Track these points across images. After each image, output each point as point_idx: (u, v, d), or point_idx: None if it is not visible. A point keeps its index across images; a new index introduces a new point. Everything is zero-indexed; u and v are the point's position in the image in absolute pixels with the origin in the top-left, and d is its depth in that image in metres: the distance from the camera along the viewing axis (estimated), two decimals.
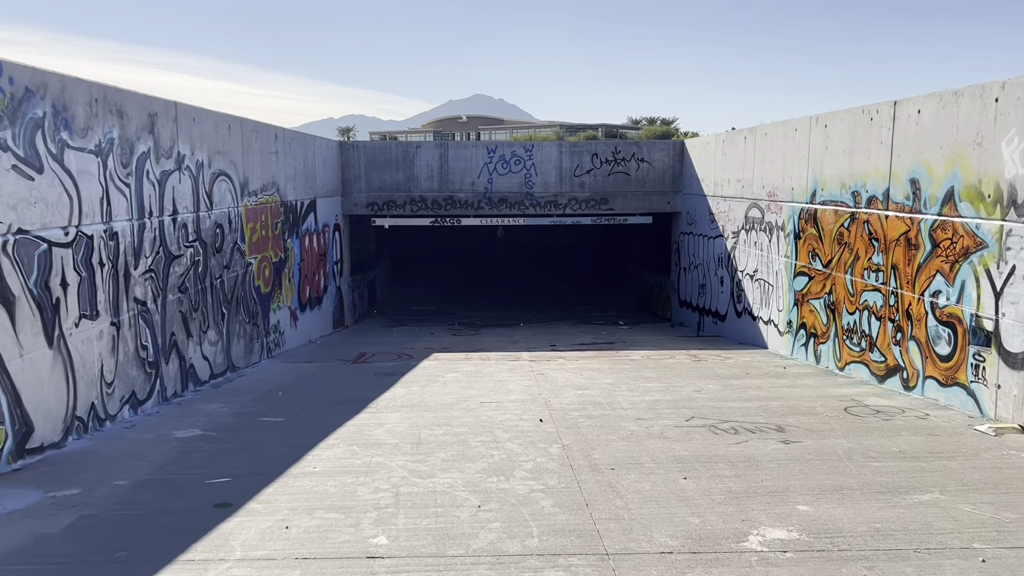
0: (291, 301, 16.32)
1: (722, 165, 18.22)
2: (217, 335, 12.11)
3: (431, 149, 21.39)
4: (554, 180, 21.55)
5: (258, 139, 14.17)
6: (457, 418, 9.05)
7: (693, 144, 20.65)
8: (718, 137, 18.59)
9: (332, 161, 20.09)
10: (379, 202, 21.34)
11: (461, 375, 12.17)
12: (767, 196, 15.43)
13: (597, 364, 13.33)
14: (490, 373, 12.37)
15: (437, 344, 16.91)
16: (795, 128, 14.12)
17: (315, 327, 18.02)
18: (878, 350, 11.14)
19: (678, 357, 14.33)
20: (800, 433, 8.18)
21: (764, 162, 15.58)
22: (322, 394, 10.77)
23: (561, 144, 21.61)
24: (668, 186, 21.56)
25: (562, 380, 11.63)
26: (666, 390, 10.76)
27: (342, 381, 11.93)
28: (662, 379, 11.69)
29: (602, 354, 14.95)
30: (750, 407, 9.53)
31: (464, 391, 10.78)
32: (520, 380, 11.62)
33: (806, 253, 13.59)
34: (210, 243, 11.87)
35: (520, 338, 18.14)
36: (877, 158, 11.21)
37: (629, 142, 21.66)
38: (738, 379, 11.70)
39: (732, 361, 13.68)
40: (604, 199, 21.65)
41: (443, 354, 15.05)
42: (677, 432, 8.26)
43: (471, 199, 21.46)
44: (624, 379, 11.68)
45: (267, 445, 7.96)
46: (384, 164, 21.28)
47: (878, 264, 11.15)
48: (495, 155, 21.47)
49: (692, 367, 12.97)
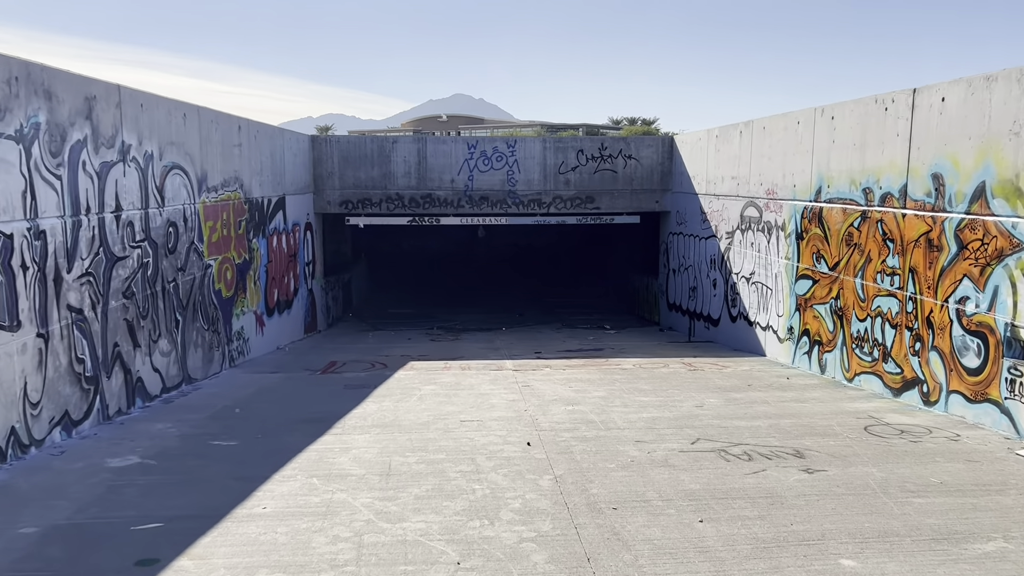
0: (257, 305, 15.20)
1: (715, 162, 17.31)
2: (170, 344, 10.99)
3: (408, 144, 20.32)
4: (538, 177, 20.55)
5: (218, 130, 13.05)
6: (434, 441, 8.02)
7: (683, 140, 19.74)
8: (710, 132, 17.68)
9: (303, 157, 18.97)
10: (353, 200, 20.24)
11: (439, 388, 11.14)
12: (765, 194, 14.52)
13: (586, 374, 12.34)
14: (471, 385, 11.35)
15: (414, 351, 15.85)
16: (797, 121, 13.21)
17: (284, 332, 16.91)
18: (893, 360, 10.23)
19: (672, 366, 13.38)
20: (822, 459, 7.23)
21: (762, 158, 14.67)
22: (284, 411, 9.70)
23: (545, 140, 20.61)
24: (657, 184, 20.63)
25: (550, 393, 10.63)
26: (664, 405, 9.79)
27: (308, 395, 10.86)
28: (658, 392, 10.72)
29: (590, 362, 13.97)
30: (760, 426, 8.58)
31: (442, 407, 9.75)
32: (504, 393, 10.61)
33: (810, 255, 12.68)
34: (162, 243, 10.75)
35: (502, 344, 17.13)
36: (893, 151, 10.30)
37: (616, 138, 20.70)
38: (740, 391, 10.75)
39: (731, 370, 12.75)
40: (590, 197, 20.68)
41: (420, 363, 14.01)
42: (683, 459, 7.28)
43: (451, 197, 20.41)
44: (617, 392, 10.70)
45: (213, 477, 6.89)
46: (359, 160, 20.18)
47: (894, 267, 10.25)
48: (476, 151, 20.44)
49: (689, 378, 12.02)
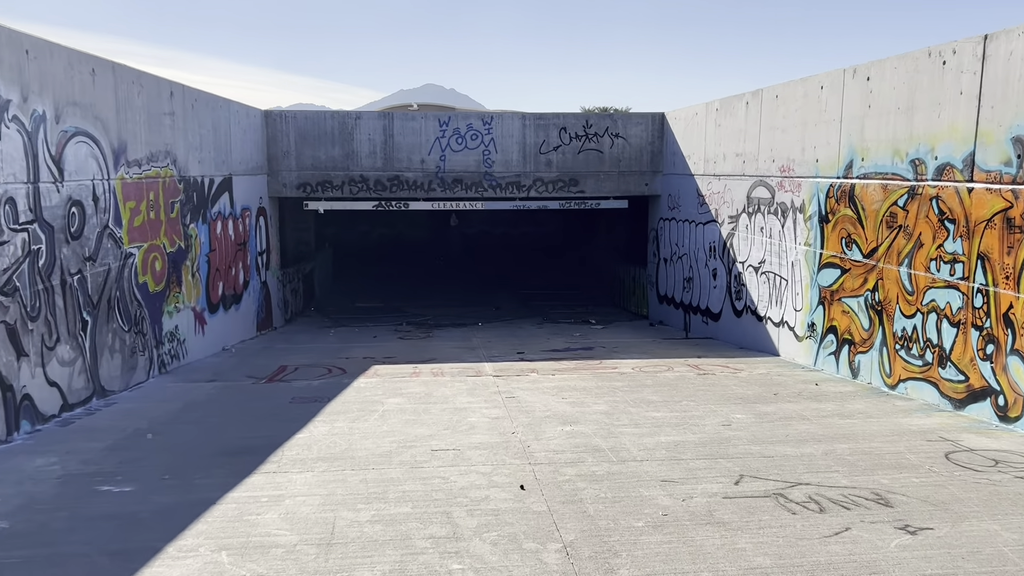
0: (196, 301, 13.15)
1: (715, 138, 15.51)
2: (74, 351, 8.95)
3: (373, 121, 18.28)
4: (516, 158, 18.63)
5: (143, 93, 10.97)
6: (396, 483, 6.12)
7: (676, 117, 17.92)
8: (709, 106, 15.88)
9: (254, 133, 16.87)
10: (312, 182, 18.17)
11: (406, 401, 9.22)
12: (779, 172, 12.75)
13: (581, 380, 10.50)
14: (445, 397, 9.45)
15: (380, 352, 13.91)
16: (821, 85, 11.43)
17: (232, 331, 14.87)
18: (954, 365, 8.50)
19: (677, 369, 11.58)
20: (916, 508, 5.44)
21: (775, 131, 12.89)
22: (209, 436, 7.73)
23: (525, 116, 18.69)
24: (646, 165, 18.80)
25: (541, 407, 8.77)
26: (684, 424, 7.97)
27: (244, 413, 8.89)
28: (671, 404, 8.91)
29: (582, 365, 12.13)
30: (813, 455, 6.78)
31: (409, 429, 7.84)
32: (485, 408, 8.73)
33: (837, 240, 10.93)
34: (60, 226, 8.70)
35: (480, 342, 15.24)
36: (954, 113, 8.54)
37: (602, 115, 18.87)
38: (767, 403, 8.97)
39: (746, 375, 10.97)
40: (573, 180, 18.80)
41: (386, 367, 12.07)
42: (732, 509, 5.45)
43: (421, 179, 18.43)
44: (622, 405, 8.86)
45: (79, 553, 4.90)
46: (318, 138, 18.12)
47: (954, 253, 8.50)
48: (448, 128, 18.46)
49: (701, 385, 10.22)
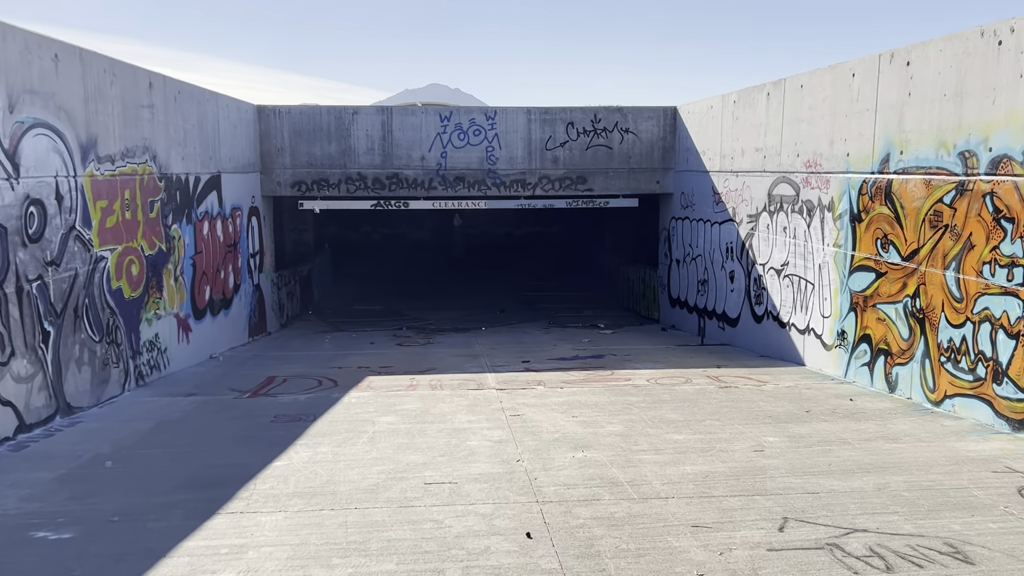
0: (180, 307, 12.31)
1: (732, 133, 14.62)
2: (33, 365, 8.11)
3: (371, 116, 17.43)
4: (521, 154, 17.76)
5: (116, 84, 10.13)
6: (381, 528, 5.25)
7: (689, 111, 17.02)
8: (726, 98, 14.97)
9: (246, 129, 16.03)
10: (308, 181, 17.32)
11: (400, 419, 8.35)
12: (804, 167, 11.85)
13: (592, 395, 9.61)
14: (443, 415, 8.58)
15: (376, 361, 13.05)
16: (852, 72, 10.53)
17: (221, 337, 14.03)
18: (1012, 382, 7.59)
19: (696, 381, 10.69)
20: (1006, 567, 4.55)
21: (800, 123, 11.98)
22: (174, 464, 6.87)
23: (530, 111, 17.81)
24: (658, 162, 17.91)
25: (548, 428, 7.89)
26: (710, 448, 7.08)
27: (219, 434, 8.03)
28: (693, 424, 8.02)
29: (592, 375, 11.24)
30: (864, 490, 5.89)
31: (401, 455, 6.97)
32: (487, 429, 7.85)
33: (871, 240, 10.03)
34: (15, 228, 7.85)
35: (483, 349, 14.36)
36: (1013, 99, 7.63)
37: (612, 109, 17.96)
38: (800, 422, 8.08)
39: (771, 387, 10.08)
40: (581, 177, 17.92)
41: (381, 378, 11.21)
42: (781, 567, 4.57)
43: (421, 177, 17.57)
44: (639, 425, 7.98)
45: None
46: (313, 134, 17.26)
47: (1012, 256, 7.59)
48: (450, 124, 17.59)
49: (724, 400, 9.33)
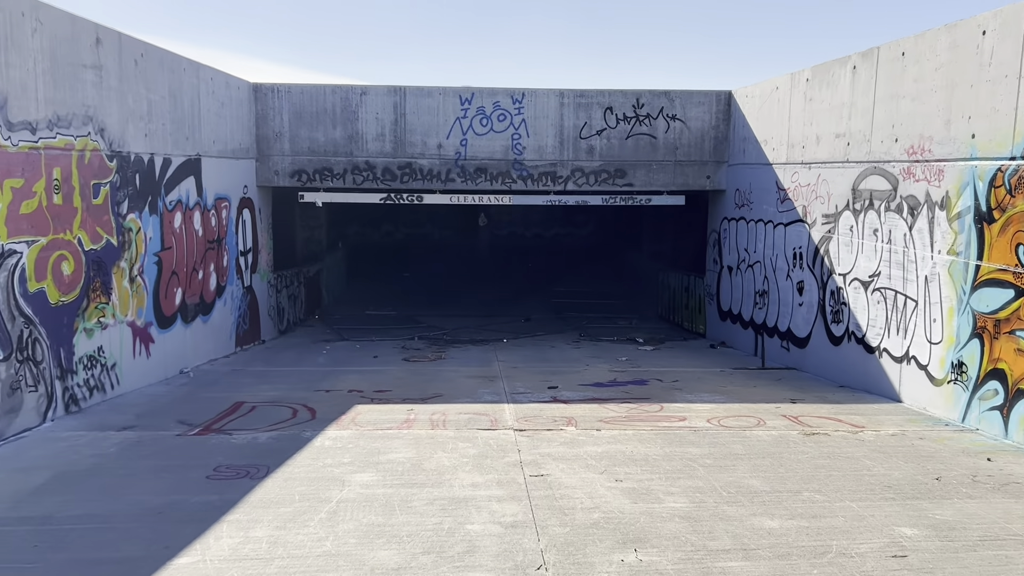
0: (137, 313, 10.23)
1: (804, 117, 12.27)
2: None
3: (382, 97, 15.29)
4: (552, 143, 15.53)
5: (42, 33, 8.06)
6: None
7: (747, 95, 14.67)
8: (795, 77, 12.62)
9: (238, 108, 13.97)
10: (309, 170, 15.24)
11: (380, 478, 6.15)
12: (905, 154, 9.49)
13: (639, 443, 7.35)
14: (440, 472, 6.37)
15: (373, 381, 10.88)
16: (982, 30, 8.15)
17: (197, 348, 11.95)
18: None
19: (770, 422, 8.38)
20: None
21: (900, 100, 9.62)
22: (29, 557, 4.72)
23: (563, 94, 15.57)
24: (708, 154, 15.58)
25: (584, 501, 5.65)
26: (824, 549, 4.79)
27: (123, 500, 5.87)
28: (786, 499, 5.73)
29: (637, 411, 8.97)
30: None
31: (366, 551, 4.76)
32: (497, 502, 5.62)
33: (1007, 247, 7.66)
34: None
35: (502, 368, 12.14)
36: None
37: (657, 92, 15.66)
38: (937, 499, 5.75)
39: (871, 436, 7.74)
40: (620, 171, 15.64)
41: (372, 407, 9.04)
42: None
43: (437, 168, 15.41)
44: (709, 497, 5.71)
45: None
46: (316, 117, 15.18)
47: None
48: (471, 107, 15.41)
49: (815, 455, 7.02)
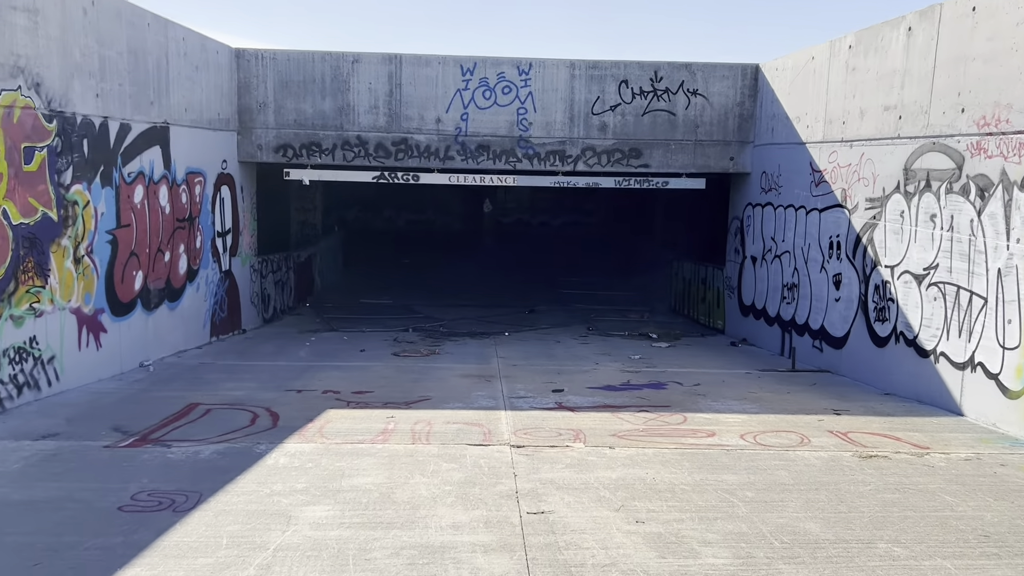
0: (83, 298, 8.96)
1: (845, 89, 10.89)
2: None
3: (376, 66, 13.95)
4: (561, 119, 14.19)
5: None
6: None
7: (778, 67, 13.29)
8: (835, 44, 11.24)
9: (216, 75, 12.65)
10: (295, 144, 13.93)
11: (338, 513, 4.87)
12: (975, 127, 8.12)
13: (662, 467, 6.05)
14: (414, 506, 5.08)
15: (354, 380, 9.60)
16: None
17: (164, 338, 10.69)
18: None
19: (815, 440, 7.07)
20: None
21: (969, 63, 8.25)
22: None
23: (574, 65, 14.20)
24: (732, 134, 14.21)
25: (595, 552, 4.36)
26: None
27: (1, 543, 4.61)
28: (856, 551, 4.44)
29: (656, 422, 7.66)
30: None
31: None
32: (483, 555, 4.34)
33: None
34: None
35: (501, 366, 10.85)
36: None
37: (677, 64, 14.28)
38: None
39: (941, 461, 6.42)
40: (635, 150, 14.29)
41: (345, 413, 7.76)
42: None
43: (436, 144, 14.08)
44: (758, 548, 4.42)
45: None
46: (303, 86, 13.85)
47: None
48: (473, 78, 14.07)
49: (880, 487, 5.71)
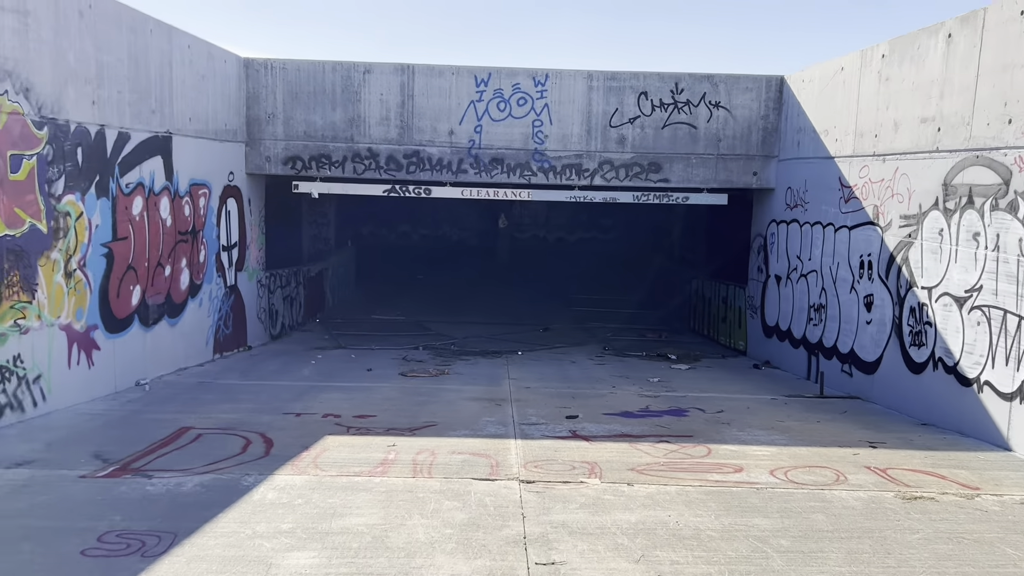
0: (75, 314, 8.54)
1: (877, 100, 10.35)
2: None
3: (387, 76, 13.56)
4: (578, 132, 13.72)
5: None
6: None
7: (804, 78, 12.76)
8: (867, 54, 10.71)
9: (223, 84, 12.29)
10: (305, 157, 13.53)
11: (322, 562, 4.36)
12: (1023, 138, 7.55)
13: (687, 509, 5.50)
14: (408, 550, 4.56)
15: (356, 403, 9.11)
16: None
17: (161, 356, 10.26)
18: None
19: (853, 478, 6.49)
20: None
21: (1016, 69, 7.70)
22: None
23: (592, 76, 13.75)
24: (755, 148, 13.68)
25: None
26: None
27: None
28: None
29: (678, 455, 7.11)
30: None
31: None
32: None
33: None
34: None
35: (513, 388, 10.32)
36: None
37: (699, 76, 13.79)
38: None
39: (994, 503, 5.83)
40: (655, 164, 13.78)
41: (344, 440, 7.26)
42: None
43: (448, 157, 13.64)
44: None
45: None
46: (313, 97, 13.48)
47: None
48: (487, 89, 13.64)
49: (928, 534, 5.14)
